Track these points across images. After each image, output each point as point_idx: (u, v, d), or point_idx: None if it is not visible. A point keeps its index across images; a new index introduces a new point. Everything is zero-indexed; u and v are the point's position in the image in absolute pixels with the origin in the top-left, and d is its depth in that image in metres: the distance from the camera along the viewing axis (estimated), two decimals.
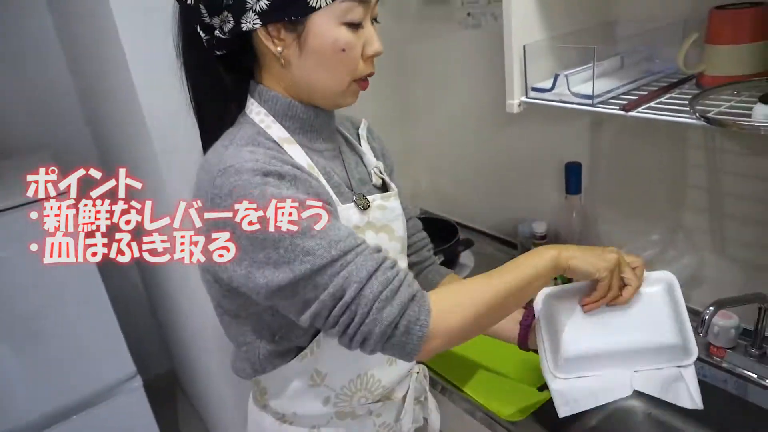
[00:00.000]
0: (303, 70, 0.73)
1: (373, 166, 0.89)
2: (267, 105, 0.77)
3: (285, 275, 0.65)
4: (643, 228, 1.22)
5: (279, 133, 0.76)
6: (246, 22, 0.70)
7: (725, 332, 1.04)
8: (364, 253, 0.67)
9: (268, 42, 0.71)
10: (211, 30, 0.73)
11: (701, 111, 0.79)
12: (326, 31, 0.69)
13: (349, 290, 0.65)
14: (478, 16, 1.39)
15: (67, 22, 1.76)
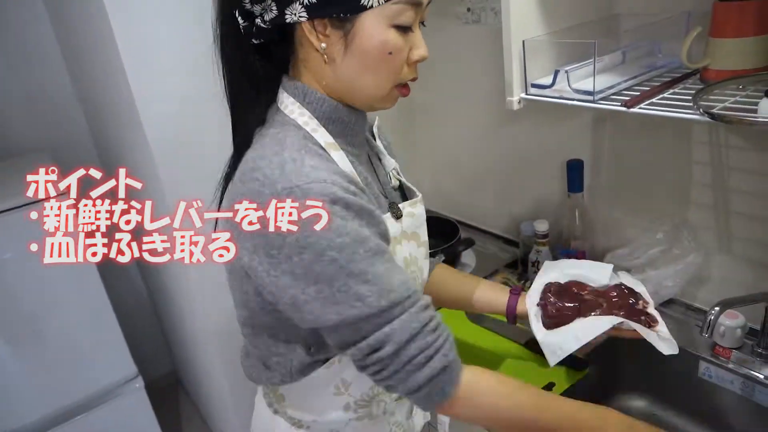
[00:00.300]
0: (346, 69, 0.69)
1: (392, 168, 0.87)
2: (311, 107, 0.72)
3: (332, 317, 0.65)
4: (647, 226, 1.20)
5: (325, 138, 0.72)
6: (291, 13, 0.66)
7: (731, 332, 1.02)
8: (411, 310, 0.66)
9: (312, 37, 0.67)
10: (251, 17, 0.69)
11: (705, 107, 0.77)
12: (375, 33, 0.66)
13: (387, 347, 0.65)
14: (478, 12, 1.37)
15: (65, 24, 1.76)
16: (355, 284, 0.63)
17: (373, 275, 0.64)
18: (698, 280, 1.14)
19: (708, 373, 1.06)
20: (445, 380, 0.67)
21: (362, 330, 0.65)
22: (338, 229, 0.62)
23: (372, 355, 0.66)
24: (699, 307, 1.17)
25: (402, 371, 0.66)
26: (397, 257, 0.76)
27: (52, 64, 1.96)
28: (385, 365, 0.66)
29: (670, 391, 1.13)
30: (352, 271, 0.63)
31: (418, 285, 0.81)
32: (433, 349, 0.66)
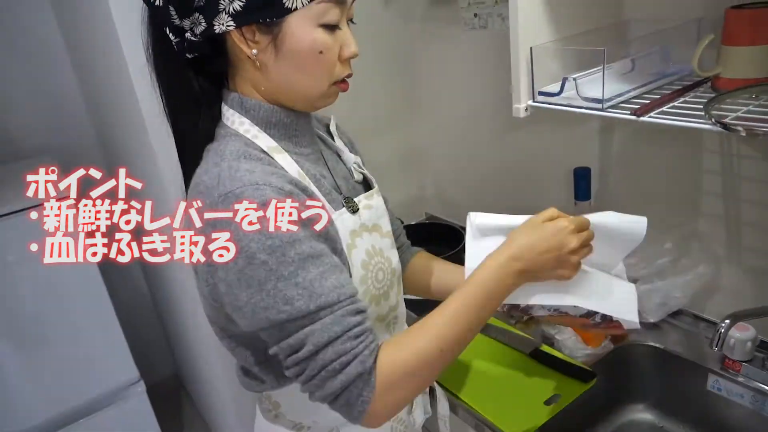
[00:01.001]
0: (280, 73, 0.71)
1: (352, 162, 0.88)
2: (249, 114, 0.74)
3: (262, 322, 0.66)
4: (655, 236, 1.17)
5: (267, 143, 0.73)
6: (219, 24, 0.67)
7: (741, 345, 1.00)
8: (336, 314, 0.65)
9: (242, 45, 0.69)
10: (181, 32, 0.70)
11: (717, 116, 0.75)
12: (303, 34, 0.68)
13: (304, 349, 0.65)
14: (485, 17, 1.36)
15: (71, 25, 1.76)
16: (285, 287, 0.64)
17: (304, 279, 0.64)
18: (708, 291, 1.12)
19: (717, 386, 1.04)
20: (360, 386, 0.65)
21: (286, 330, 0.66)
22: (269, 231, 0.63)
23: (292, 356, 0.66)
24: (708, 319, 1.15)
25: (317, 376, 0.65)
26: (359, 249, 0.76)
27: (59, 66, 1.96)
28: (303, 368, 0.66)
29: (678, 403, 1.11)
30: (282, 273, 0.64)
31: (386, 275, 0.81)
32: (351, 355, 0.65)
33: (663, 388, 1.13)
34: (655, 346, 1.12)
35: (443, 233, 1.52)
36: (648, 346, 1.12)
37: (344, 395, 0.65)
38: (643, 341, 1.13)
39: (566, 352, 1.12)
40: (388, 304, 0.84)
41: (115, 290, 1.75)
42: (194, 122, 0.74)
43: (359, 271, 0.77)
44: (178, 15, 0.68)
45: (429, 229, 1.59)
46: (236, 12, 0.66)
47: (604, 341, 1.13)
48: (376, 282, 0.80)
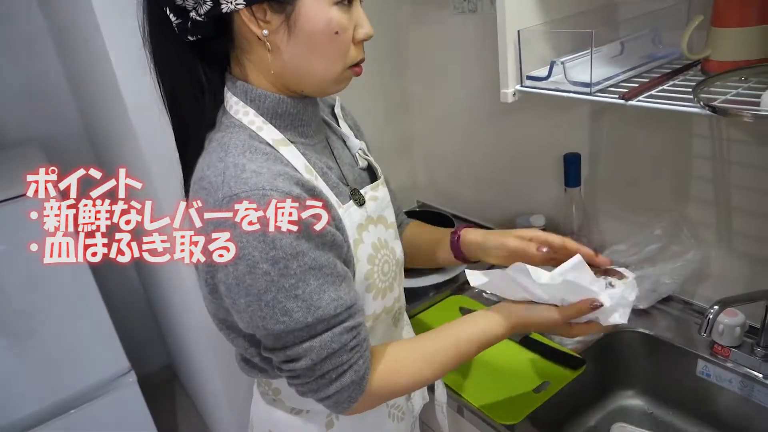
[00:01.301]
0: (292, 55, 0.67)
1: (357, 149, 0.86)
2: (254, 104, 0.71)
3: (259, 330, 0.67)
4: (645, 221, 1.17)
5: (272, 135, 0.70)
6: (226, 2, 0.63)
7: (730, 330, 0.99)
8: (335, 330, 0.67)
9: (252, 25, 0.65)
10: (183, 12, 0.66)
11: (706, 99, 0.74)
12: (318, 12, 0.64)
13: (303, 361, 0.67)
14: (474, 1, 1.34)
15: (56, 16, 1.73)
16: (285, 299, 0.64)
17: (304, 291, 0.64)
18: (697, 276, 1.11)
19: (706, 372, 1.04)
20: (351, 390, 0.70)
21: (283, 340, 0.67)
22: (273, 242, 0.62)
23: (288, 364, 0.69)
24: (698, 304, 1.15)
25: (313, 383, 0.69)
26: (366, 244, 0.76)
27: (45, 56, 1.93)
28: (298, 375, 0.69)
29: (668, 389, 1.11)
30: (283, 285, 0.63)
31: (392, 267, 0.81)
32: (347, 365, 0.69)
33: (652, 374, 1.12)
34: (644, 332, 1.11)
35: (435, 220, 1.51)
36: (637, 332, 1.12)
37: (335, 396, 0.70)
38: (633, 328, 1.13)
39: (556, 339, 1.12)
40: (392, 296, 0.83)
41: (105, 281, 1.74)
42: (198, 109, 0.71)
43: (365, 266, 0.76)
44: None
45: (421, 217, 1.56)
46: None
47: None
48: (382, 275, 0.79)
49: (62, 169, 2.13)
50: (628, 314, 0.77)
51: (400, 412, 0.92)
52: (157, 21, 0.68)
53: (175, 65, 0.70)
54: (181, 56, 0.69)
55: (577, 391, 1.05)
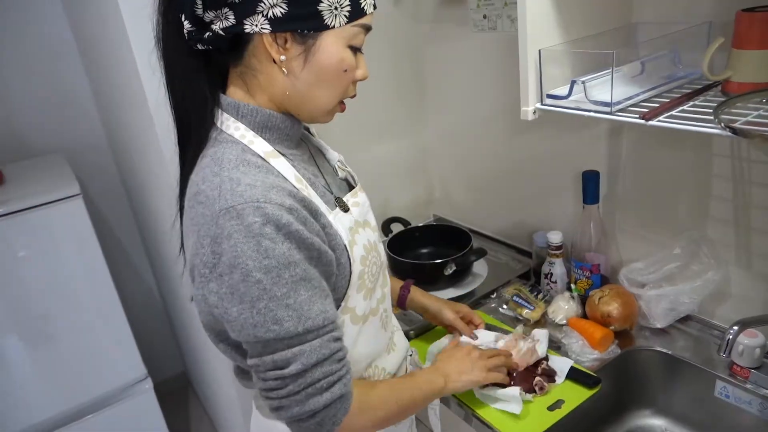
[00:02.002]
0: (302, 82, 0.72)
1: (336, 160, 0.90)
2: (245, 119, 0.74)
3: (249, 337, 0.68)
4: (664, 240, 1.17)
5: (263, 148, 0.74)
6: (251, 24, 0.67)
7: (750, 351, 0.99)
8: (323, 338, 0.70)
9: (272, 49, 0.69)
10: (200, 23, 0.69)
11: (727, 120, 0.75)
12: (334, 51, 0.70)
13: (292, 366, 0.68)
14: (495, 19, 1.35)
15: (81, 23, 1.77)
16: (276, 307, 0.66)
17: (295, 300, 0.67)
18: (716, 296, 1.11)
19: (725, 393, 1.03)
20: (339, 407, 0.71)
21: (271, 347, 0.68)
22: (266, 251, 0.64)
23: (274, 371, 0.69)
24: (717, 324, 1.14)
25: (302, 393, 0.69)
26: (358, 246, 0.79)
27: (70, 65, 1.98)
28: (285, 384, 0.69)
29: (685, 409, 1.10)
30: (275, 294, 0.66)
31: (377, 268, 0.85)
32: (337, 376, 0.70)
33: (670, 393, 1.11)
34: (662, 351, 1.11)
35: (451, 235, 1.52)
36: (655, 351, 1.11)
37: (322, 413, 0.70)
38: (651, 346, 1.12)
39: (573, 356, 1.11)
40: (375, 298, 0.86)
41: (124, 288, 1.77)
42: (200, 117, 0.73)
43: (358, 267, 0.79)
44: (204, 6, 0.67)
45: (437, 231, 1.58)
46: (276, 17, 0.66)
47: (611, 346, 1.12)
48: (371, 276, 0.82)
49: (85, 179, 2.19)
50: None
51: None
52: (171, 24, 0.70)
53: (184, 70, 0.72)
54: (190, 62, 0.72)
55: (592, 410, 1.04)
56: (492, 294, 1.37)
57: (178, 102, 0.74)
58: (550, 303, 1.25)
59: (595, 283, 1.23)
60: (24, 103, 1.93)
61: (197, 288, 0.69)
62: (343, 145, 0.99)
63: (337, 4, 0.68)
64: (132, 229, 2.28)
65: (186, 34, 0.69)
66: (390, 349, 0.93)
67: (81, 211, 1.56)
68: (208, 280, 0.67)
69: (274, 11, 0.66)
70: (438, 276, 1.36)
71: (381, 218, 1.60)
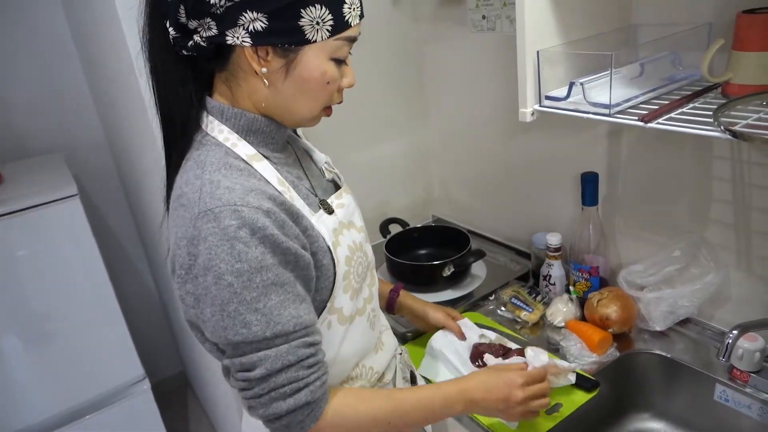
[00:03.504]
0: (284, 93, 0.72)
1: (323, 162, 0.90)
2: (230, 122, 0.74)
3: (220, 339, 0.69)
4: (663, 243, 1.16)
5: (246, 150, 0.74)
6: (233, 36, 0.67)
7: (750, 355, 0.98)
8: (292, 344, 0.69)
9: (253, 62, 0.69)
10: (184, 30, 0.69)
11: (726, 123, 0.74)
12: (316, 64, 0.70)
13: (256, 370, 0.69)
14: (493, 19, 1.35)
15: (80, 24, 1.77)
16: (246, 311, 0.66)
17: (265, 305, 0.67)
18: (716, 299, 1.10)
19: (725, 397, 1.02)
20: (306, 414, 0.71)
21: (240, 349, 0.69)
22: (239, 255, 0.65)
23: (242, 373, 0.70)
24: (716, 327, 1.13)
25: (265, 396, 0.69)
26: (342, 246, 0.79)
27: (69, 65, 1.98)
28: (250, 386, 0.70)
29: (684, 413, 1.09)
30: (245, 298, 0.66)
31: (364, 268, 0.85)
32: (303, 383, 0.70)
33: (669, 397, 1.11)
34: (661, 354, 1.10)
35: (450, 236, 1.51)
36: (654, 354, 1.11)
37: (287, 418, 0.70)
38: (650, 350, 1.11)
39: (571, 359, 1.11)
40: (362, 297, 0.86)
41: (122, 288, 1.76)
42: (185, 120, 0.73)
43: (343, 267, 0.79)
44: (187, 14, 0.67)
45: (435, 232, 1.58)
46: (256, 31, 0.67)
47: (609, 349, 1.12)
48: (357, 276, 0.82)
49: (84, 179, 2.18)
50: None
51: None
52: (156, 29, 0.70)
53: (170, 74, 0.72)
54: (176, 66, 0.71)
55: (591, 414, 1.03)
56: (490, 296, 1.36)
57: (163, 105, 0.73)
58: (549, 305, 1.24)
59: (593, 285, 1.23)
60: (22, 103, 1.93)
61: (177, 289, 0.70)
62: (340, 146, 0.99)
63: (319, 19, 0.67)
64: (130, 228, 2.28)
65: (171, 40, 0.69)
66: (378, 349, 0.93)
67: (79, 211, 1.55)
68: (184, 281, 0.68)
69: (255, 25, 0.66)
70: (436, 277, 1.36)
71: (379, 219, 1.59)
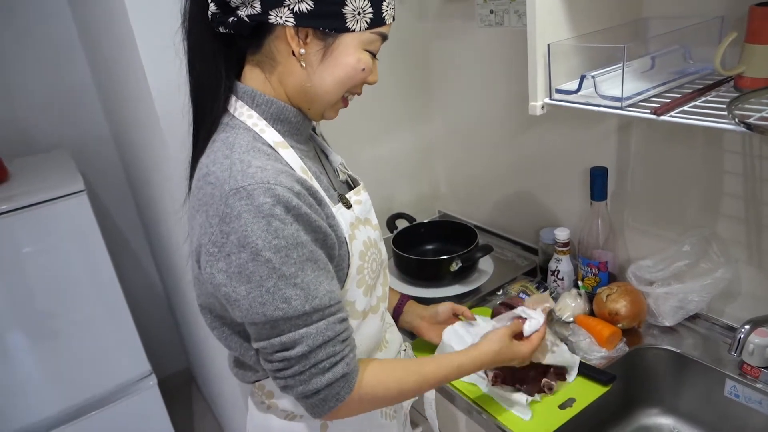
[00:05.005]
0: (317, 75, 0.74)
1: (338, 163, 0.91)
2: (260, 108, 0.76)
3: (257, 316, 0.68)
4: (673, 238, 1.16)
5: (273, 137, 0.75)
6: (276, 15, 0.69)
7: (761, 350, 0.98)
8: (329, 319, 0.71)
9: (293, 41, 0.71)
10: (226, 6, 0.71)
11: (740, 116, 0.73)
12: (352, 51, 0.73)
13: (298, 348, 0.70)
14: (501, 14, 1.34)
15: (87, 21, 1.77)
16: (285, 287, 0.67)
17: (302, 280, 0.68)
18: (726, 294, 1.10)
19: (735, 392, 1.02)
20: (341, 386, 0.73)
21: (279, 328, 0.69)
22: (276, 231, 0.66)
23: (281, 353, 0.70)
24: (726, 323, 1.13)
25: (306, 373, 0.71)
26: (358, 241, 0.80)
27: (75, 62, 1.97)
28: (290, 365, 0.71)
29: (694, 408, 1.09)
30: (284, 273, 0.67)
31: (378, 265, 0.86)
32: (339, 356, 0.72)
33: (678, 392, 1.11)
34: (671, 349, 1.10)
35: (457, 231, 1.51)
36: (663, 349, 1.10)
37: (325, 391, 0.72)
38: (659, 345, 1.11)
39: (580, 354, 1.10)
40: (376, 295, 0.87)
41: (128, 284, 1.76)
42: (214, 97, 0.75)
43: (357, 262, 0.80)
44: None
45: (442, 227, 1.57)
46: (301, 12, 0.69)
47: (619, 344, 1.11)
48: (371, 272, 0.83)
49: (90, 175, 2.18)
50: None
51: (391, 410, 0.96)
52: (197, 5, 0.72)
53: (204, 51, 0.74)
54: (211, 42, 0.73)
55: (601, 409, 1.03)
56: (498, 291, 1.36)
57: (195, 82, 0.75)
58: (557, 300, 1.24)
59: (602, 280, 1.22)
60: (29, 99, 1.93)
61: (205, 267, 0.69)
62: (349, 142, 0.99)
63: (360, 10, 0.70)
64: (136, 225, 2.28)
65: (210, 16, 0.71)
66: (382, 347, 0.94)
67: (85, 207, 1.55)
68: (216, 259, 0.67)
69: (300, 6, 0.68)
70: (444, 272, 1.35)
71: (386, 214, 1.59)
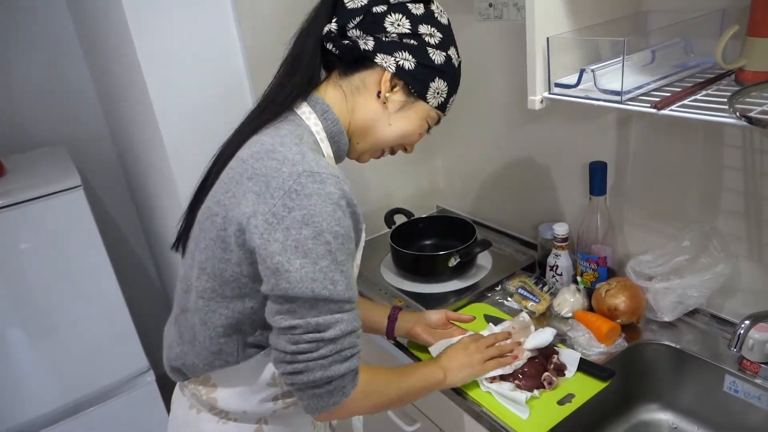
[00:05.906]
0: (389, 119, 0.85)
1: None
2: (326, 122, 0.83)
3: (305, 291, 0.71)
4: (673, 233, 1.15)
5: (327, 150, 0.83)
6: (383, 60, 0.81)
7: (760, 346, 0.97)
8: (355, 312, 0.77)
9: (384, 85, 0.82)
10: (343, 31, 0.81)
11: (742, 110, 0.73)
12: (420, 117, 0.87)
13: (331, 330, 0.73)
14: (500, 7, 1.33)
15: (85, 18, 1.76)
16: (334, 270, 0.72)
17: (347, 269, 0.74)
18: (726, 290, 1.09)
19: (734, 388, 1.01)
20: (349, 380, 0.76)
21: (318, 308, 0.72)
22: (338, 220, 0.72)
23: (313, 334, 0.73)
24: (725, 318, 1.12)
25: (330, 357, 0.73)
26: (357, 262, 0.85)
27: (72, 58, 1.96)
28: (319, 347, 0.73)
29: (693, 404, 1.09)
30: (337, 257, 0.72)
31: None
32: (357, 349, 0.77)
33: (678, 388, 1.10)
34: (670, 345, 1.09)
35: (455, 226, 1.50)
36: (663, 345, 1.10)
37: (336, 381, 0.75)
38: (658, 340, 1.11)
39: (579, 349, 1.10)
40: None
41: (125, 280, 1.76)
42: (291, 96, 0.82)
43: (355, 271, 0.84)
44: (356, 25, 0.80)
45: (441, 222, 1.57)
46: (402, 67, 0.81)
47: (618, 339, 1.11)
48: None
49: (87, 171, 2.17)
50: None
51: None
52: (319, 16, 0.82)
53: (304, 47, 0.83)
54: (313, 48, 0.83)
55: (599, 404, 1.03)
56: (496, 286, 1.35)
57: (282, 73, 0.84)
58: (556, 295, 1.24)
59: (601, 275, 1.22)
60: (26, 94, 1.92)
61: (254, 233, 0.71)
62: None
63: (440, 90, 0.85)
64: (134, 220, 2.27)
65: (324, 30, 0.81)
66: None
67: (82, 203, 1.55)
68: (274, 229, 0.70)
69: (404, 63, 0.81)
70: (442, 268, 1.35)
71: (384, 209, 1.58)
